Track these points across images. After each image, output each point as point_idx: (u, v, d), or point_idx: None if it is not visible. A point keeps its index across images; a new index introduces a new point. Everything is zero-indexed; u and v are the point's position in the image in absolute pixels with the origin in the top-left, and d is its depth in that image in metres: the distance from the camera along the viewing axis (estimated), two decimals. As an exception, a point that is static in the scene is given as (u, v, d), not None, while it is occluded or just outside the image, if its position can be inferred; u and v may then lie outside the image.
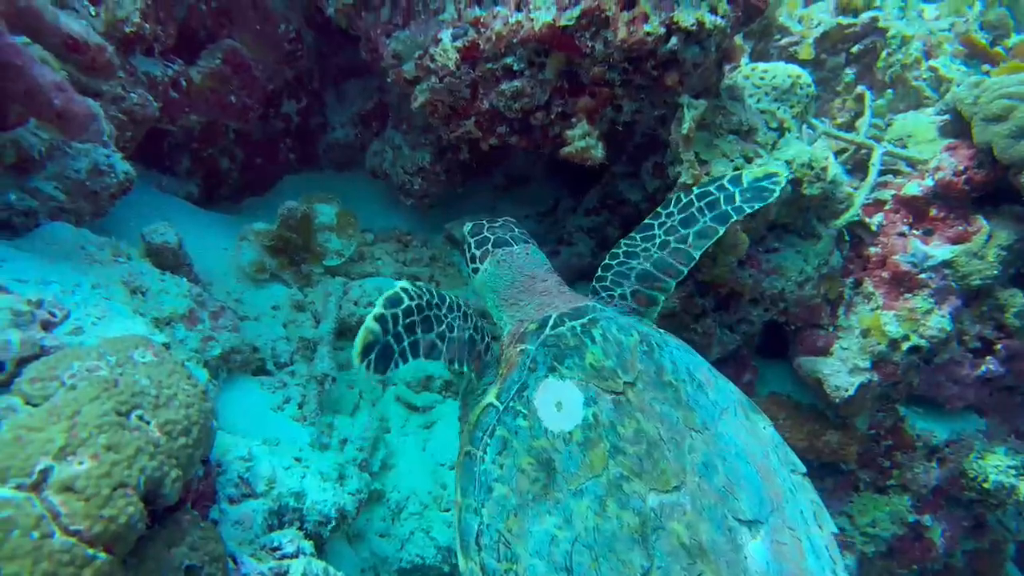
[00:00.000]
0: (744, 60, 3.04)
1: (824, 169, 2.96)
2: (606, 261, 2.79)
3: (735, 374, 3.47)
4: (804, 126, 3.17)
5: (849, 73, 3.89)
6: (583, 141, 2.92)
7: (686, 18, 2.51)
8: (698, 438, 2.10)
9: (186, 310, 2.65)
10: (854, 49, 3.88)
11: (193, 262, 3.09)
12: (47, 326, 1.78)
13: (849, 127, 3.75)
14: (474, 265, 2.73)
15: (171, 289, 2.65)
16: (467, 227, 2.85)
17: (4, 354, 1.63)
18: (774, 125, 3.03)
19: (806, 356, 3.36)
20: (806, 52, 3.84)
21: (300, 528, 2.38)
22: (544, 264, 2.68)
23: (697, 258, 2.63)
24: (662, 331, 2.45)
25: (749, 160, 2.87)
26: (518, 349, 2.31)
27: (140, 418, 1.69)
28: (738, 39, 2.82)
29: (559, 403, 2.12)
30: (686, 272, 2.65)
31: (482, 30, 2.86)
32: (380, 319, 2.05)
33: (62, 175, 2.71)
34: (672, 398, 2.17)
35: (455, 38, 2.92)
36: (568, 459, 2.01)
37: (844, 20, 3.82)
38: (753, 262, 3.11)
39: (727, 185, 2.65)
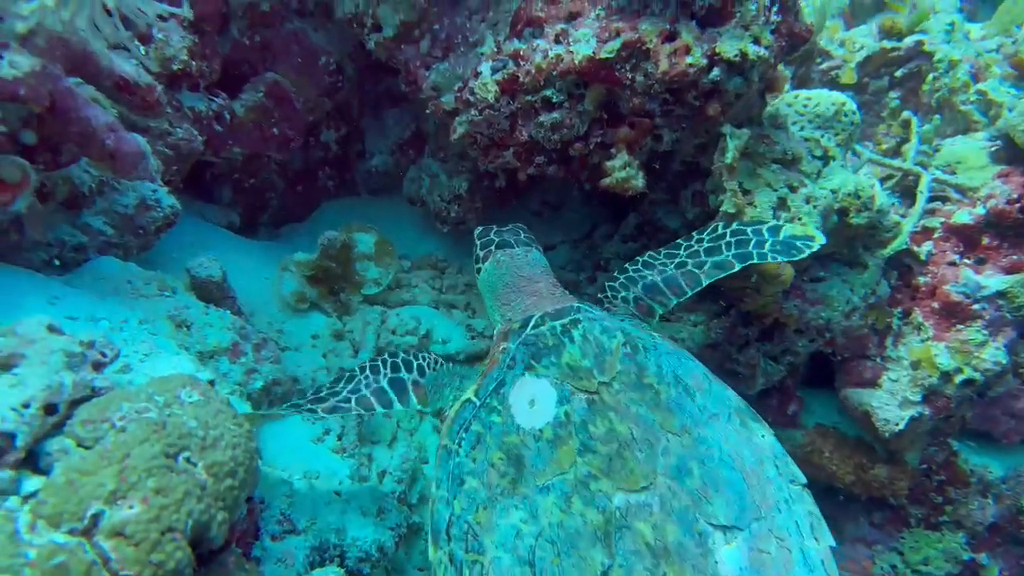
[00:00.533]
0: (786, 86, 3.00)
1: (871, 198, 2.90)
2: (624, 265, 2.92)
3: (779, 405, 3.39)
4: (849, 153, 3.11)
5: (894, 97, 3.81)
6: (623, 172, 2.90)
7: (729, 49, 2.49)
8: (674, 441, 2.11)
9: (230, 343, 2.68)
10: (898, 73, 3.81)
11: (236, 293, 3.12)
12: (98, 366, 1.81)
13: (895, 153, 3.67)
14: (477, 265, 2.87)
15: (215, 322, 2.67)
16: (476, 230, 2.98)
17: (58, 396, 1.65)
18: (818, 153, 2.98)
19: (853, 388, 3.27)
20: (848, 76, 3.77)
21: (341, 564, 2.37)
22: (542, 266, 2.77)
23: (704, 284, 2.70)
24: (657, 335, 2.48)
25: (794, 189, 2.82)
26: (500, 347, 2.39)
27: (188, 460, 1.70)
28: (781, 67, 2.78)
29: (532, 400, 2.17)
30: (690, 294, 2.72)
31: (522, 63, 2.87)
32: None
33: (110, 210, 2.77)
34: (651, 400, 2.19)
35: (494, 71, 2.93)
36: (537, 456, 2.06)
37: (888, 44, 3.75)
38: (798, 292, 3.04)
39: (764, 232, 2.68)
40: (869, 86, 3.93)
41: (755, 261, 2.62)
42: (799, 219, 2.79)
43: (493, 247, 2.81)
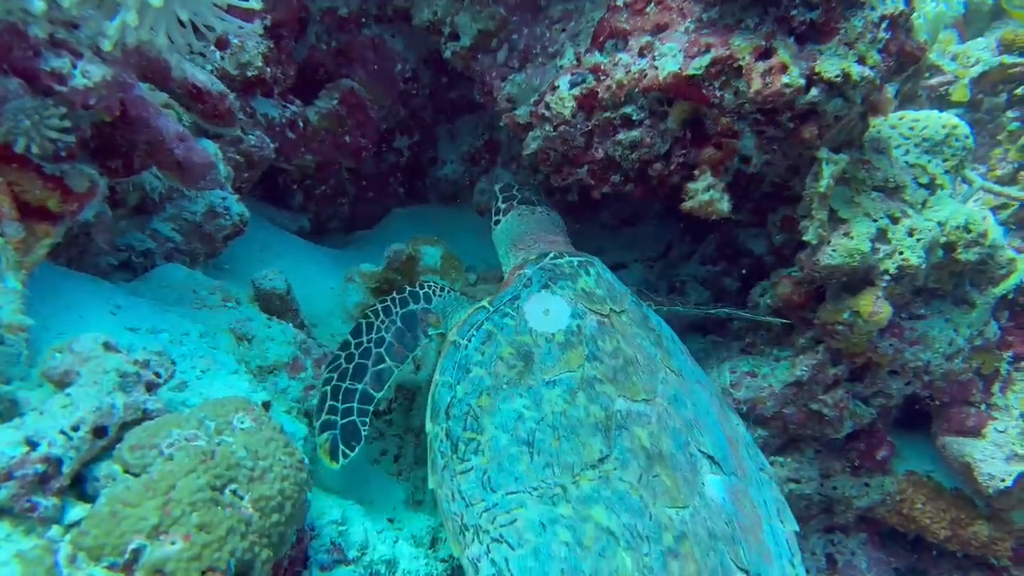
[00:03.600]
0: (892, 108, 2.75)
1: (983, 233, 2.62)
2: None
3: (867, 449, 3.13)
4: (959, 180, 2.83)
5: (1012, 118, 3.47)
6: (707, 194, 2.70)
7: (830, 69, 2.27)
8: (672, 376, 2.21)
9: (290, 358, 2.62)
10: (1019, 91, 3.46)
11: (301, 303, 3.08)
12: (151, 387, 1.76)
13: (1012, 180, 3.34)
14: (497, 217, 2.98)
15: (276, 336, 2.63)
16: (498, 186, 3.10)
17: (108, 419, 1.60)
18: (924, 180, 2.71)
19: (953, 436, 2.99)
20: (960, 94, 3.46)
21: (390, 598, 2.27)
22: (561, 227, 2.93)
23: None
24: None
25: (895, 220, 2.57)
26: (516, 274, 2.50)
27: (234, 493, 1.63)
28: (888, 89, 2.54)
29: (547, 310, 2.26)
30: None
31: (602, 78, 2.72)
32: (323, 424, 2.38)
33: (179, 217, 2.77)
34: (654, 339, 2.30)
35: (572, 85, 2.79)
36: (547, 354, 2.15)
37: (1009, 59, 3.41)
38: (895, 330, 2.78)
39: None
40: (983, 104, 3.59)
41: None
42: (900, 253, 2.54)
43: (515, 202, 2.96)
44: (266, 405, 2.14)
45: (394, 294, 2.69)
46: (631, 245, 4.49)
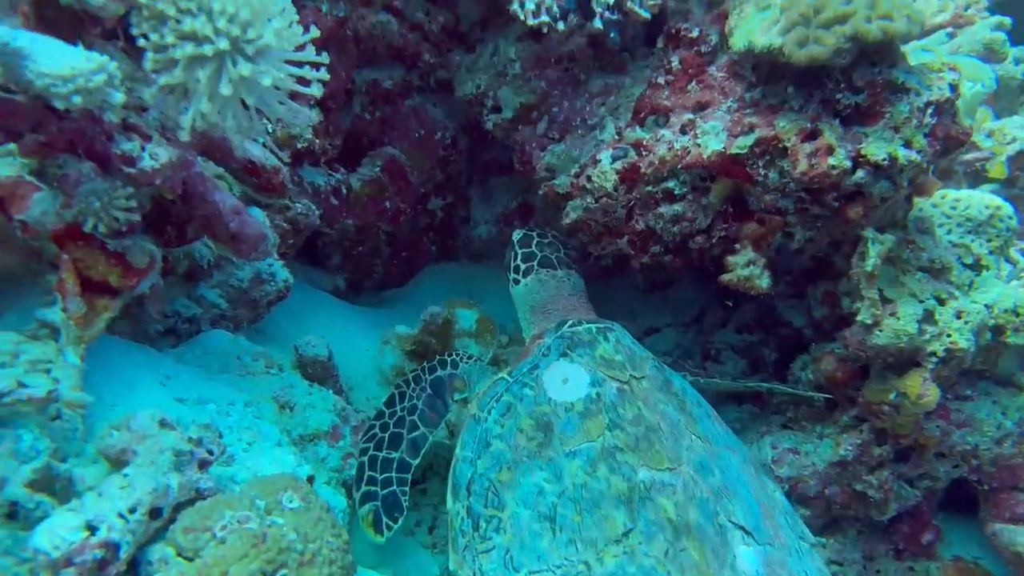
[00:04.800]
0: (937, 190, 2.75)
1: (1033, 315, 2.59)
2: None
3: (912, 532, 3.04)
4: (1003, 260, 2.81)
5: (1052, 195, 3.46)
6: (747, 269, 2.70)
7: (877, 152, 2.29)
8: (698, 443, 2.16)
9: (330, 426, 2.63)
10: (1059, 169, 3.47)
11: (339, 366, 3.10)
12: (203, 465, 1.77)
13: (1055, 258, 3.30)
14: (515, 276, 2.94)
15: (317, 404, 2.64)
16: (517, 235, 3.03)
17: (164, 500, 1.61)
18: (969, 261, 2.70)
19: (1004, 523, 2.89)
20: (998, 171, 3.46)
21: None
22: (580, 291, 2.91)
23: None
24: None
25: (942, 302, 2.55)
26: (536, 343, 2.50)
27: (284, 579, 1.62)
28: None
29: (566, 379, 2.24)
30: None
31: (644, 153, 2.75)
32: (364, 496, 2.42)
33: (226, 283, 2.81)
34: (677, 405, 2.26)
35: (614, 159, 2.83)
36: (567, 424, 2.12)
37: (1047, 138, 3.43)
38: (942, 412, 2.73)
39: None
40: (1019, 180, 3.59)
41: None
42: (948, 335, 2.51)
43: (536, 262, 2.88)
44: (311, 479, 2.14)
45: (424, 363, 2.80)
46: (664, 309, 4.48)
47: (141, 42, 1.75)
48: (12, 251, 1.84)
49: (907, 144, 2.29)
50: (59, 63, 1.53)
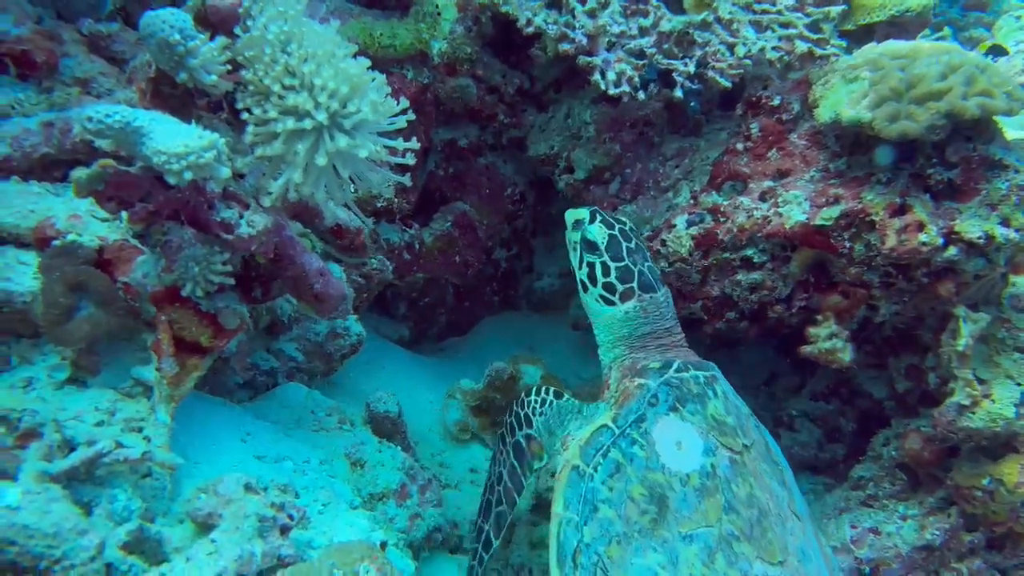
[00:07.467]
0: None
1: None
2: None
3: (1002, 625, 2.84)
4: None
5: None
6: (829, 342, 2.64)
7: (972, 230, 2.22)
8: (796, 524, 2.11)
9: (398, 485, 2.62)
10: None
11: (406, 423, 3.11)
12: (284, 531, 1.78)
13: None
14: (607, 296, 2.40)
15: (387, 462, 2.64)
16: (599, 235, 2.41)
17: (248, 568, 1.62)
18: (1068, 340, 2.56)
19: (1106, 622, 2.69)
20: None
21: None
22: (673, 311, 2.52)
23: None
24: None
25: (1040, 384, 2.42)
26: (636, 383, 2.25)
27: (362, 656, 1.60)
28: None
29: (679, 443, 2.09)
30: None
31: (721, 219, 2.73)
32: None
33: (303, 337, 2.87)
34: (778, 477, 2.18)
35: (690, 224, 2.81)
36: (683, 501, 1.99)
37: None
38: (1037, 499, 2.57)
39: None
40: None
41: None
42: (1047, 420, 2.38)
43: (635, 283, 2.37)
44: (383, 545, 2.13)
45: (504, 416, 2.65)
46: (732, 369, 4.35)
47: (245, 116, 1.83)
48: (114, 312, 1.91)
49: (1005, 222, 2.22)
50: (174, 141, 1.61)
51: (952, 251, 2.27)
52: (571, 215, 2.57)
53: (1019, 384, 2.41)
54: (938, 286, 2.36)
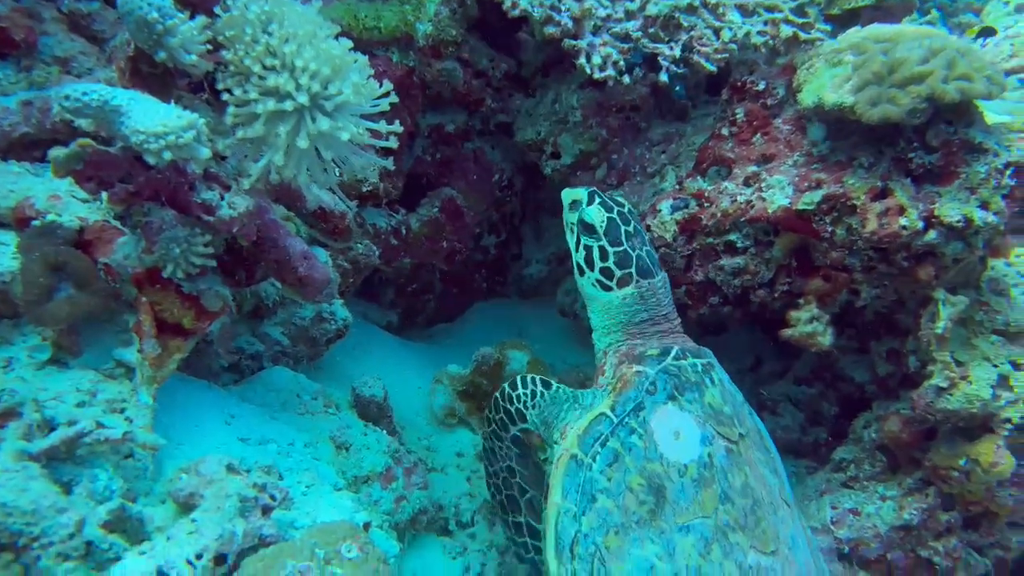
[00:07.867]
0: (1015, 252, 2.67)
1: (1116, 383, 2.47)
2: None
3: (980, 604, 2.89)
4: (1083, 322, 2.69)
5: None
6: (809, 326, 2.66)
7: (951, 213, 2.24)
8: (786, 512, 2.14)
9: (383, 468, 2.63)
10: None
11: (392, 407, 3.12)
12: (266, 511, 1.79)
13: None
14: (605, 281, 2.35)
15: (372, 445, 2.65)
16: (597, 218, 2.33)
17: (229, 547, 1.63)
18: (1047, 323, 2.59)
19: (1081, 600, 2.74)
20: (1075, 227, 3.34)
21: None
22: (670, 295, 2.47)
23: None
24: None
25: (1018, 367, 2.45)
26: (634, 370, 2.24)
27: (343, 633, 1.62)
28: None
29: (677, 433, 2.09)
30: None
31: (705, 204, 2.74)
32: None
33: (289, 321, 2.87)
34: (771, 465, 2.21)
35: (674, 210, 2.82)
36: (681, 492, 2.02)
37: None
38: (1015, 479, 2.61)
39: None
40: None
41: None
42: (1023, 402, 2.41)
43: (633, 268, 2.31)
44: (367, 526, 2.15)
45: (489, 412, 2.59)
46: (718, 355, 4.39)
47: (225, 96, 1.82)
48: (94, 292, 1.91)
49: (984, 205, 2.24)
50: (152, 120, 1.60)
51: (932, 235, 2.29)
52: (568, 195, 2.48)
53: (996, 366, 2.44)
54: (918, 270, 2.39)
